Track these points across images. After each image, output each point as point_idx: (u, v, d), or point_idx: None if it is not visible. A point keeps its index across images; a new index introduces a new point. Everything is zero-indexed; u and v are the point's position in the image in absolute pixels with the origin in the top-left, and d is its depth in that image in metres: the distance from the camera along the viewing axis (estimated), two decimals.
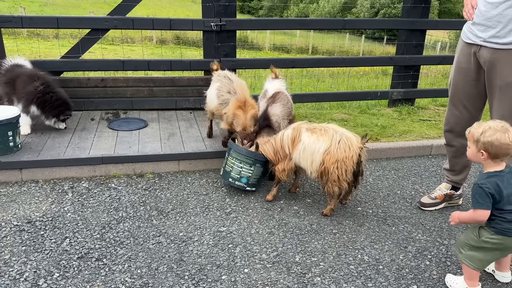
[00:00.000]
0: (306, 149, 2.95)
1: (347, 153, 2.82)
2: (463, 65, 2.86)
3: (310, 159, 2.93)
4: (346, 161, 2.82)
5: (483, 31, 2.64)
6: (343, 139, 2.86)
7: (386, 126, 4.62)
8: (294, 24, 4.72)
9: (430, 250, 2.75)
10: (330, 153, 2.84)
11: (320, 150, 2.88)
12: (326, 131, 2.92)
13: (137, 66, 4.62)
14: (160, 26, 4.40)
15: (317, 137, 2.92)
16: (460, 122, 3.00)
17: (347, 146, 2.83)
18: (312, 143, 2.92)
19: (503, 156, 2.15)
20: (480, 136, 2.14)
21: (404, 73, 5.23)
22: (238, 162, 3.19)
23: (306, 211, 3.16)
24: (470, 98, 2.91)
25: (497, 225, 2.16)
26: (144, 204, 3.16)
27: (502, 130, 2.09)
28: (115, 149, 3.68)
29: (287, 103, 3.63)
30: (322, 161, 2.88)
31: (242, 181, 3.24)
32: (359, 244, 2.79)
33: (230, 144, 3.30)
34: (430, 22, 5.09)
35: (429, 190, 3.53)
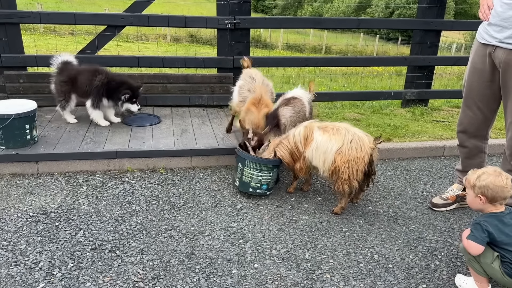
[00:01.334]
0: (318, 147, 2.97)
1: (359, 153, 2.84)
2: (478, 66, 2.85)
3: (323, 158, 2.95)
4: (357, 161, 2.85)
5: (499, 32, 2.63)
6: (355, 139, 2.87)
7: (399, 126, 4.60)
8: (308, 22, 4.73)
9: (441, 250, 2.75)
10: (342, 152, 2.86)
11: (333, 149, 2.89)
12: (338, 131, 2.94)
13: (151, 63, 4.67)
14: (175, 23, 4.45)
15: (329, 136, 2.94)
16: (473, 123, 2.99)
17: (359, 146, 2.85)
18: (324, 142, 2.94)
19: (501, 200, 2.22)
20: (476, 181, 2.23)
21: (418, 74, 5.20)
22: (258, 172, 3.16)
23: (317, 209, 3.17)
24: (484, 99, 2.89)
25: (507, 267, 2.18)
26: (156, 198, 3.20)
27: (496, 174, 2.20)
28: (129, 144, 3.73)
29: (299, 111, 3.59)
30: (333, 160, 2.90)
31: (263, 188, 3.23)
32: (369, 242, 2.80)
33: (243, 154, 3.23)
34: (445, 23, 5.05)
35: (441, 191, 3.52)
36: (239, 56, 4.68)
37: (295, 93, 3.68)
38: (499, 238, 2.18)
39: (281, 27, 4.66)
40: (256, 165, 3.15)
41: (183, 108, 4.82)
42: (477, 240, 2.18)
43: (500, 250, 2.19)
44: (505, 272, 2.19)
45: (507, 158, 2.91)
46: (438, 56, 5.17)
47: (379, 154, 3.04)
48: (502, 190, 2.18)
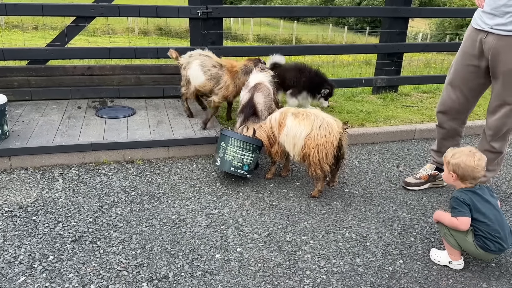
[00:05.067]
0: (289, 133, 3.06)
1: (327, 138, 2.92)
2: (468, 50, 2.93)
3: (293, 142, 3.05)
4: (326, 146, 2.93)
5: (491, 19, 2.74)
6: (323, 124, 2.95)
7: (371, 112, 4.72)
8: (281, 11, 4.77)
9: (415, 227, 2.86)
10: (311, 137, 2.95)
11: (302, 134, 2.99)
12: (308, 116, 3.02)
13: (123, 54, 4.60)
14: (146, 13, 4.39)
15: (299, 121, 3.03)
16: (454, 106, 3.09)
17: (328, 131, 2.93)
18: (294, 127, 3.03)
19: (471, 179, 2.35)
20: (450, 159, 2.37)
21: (387, 61, 5.33)
22: (241, 150, 3.20)
23: (295, 193, 3.23)
24: (467, 84, 2.98)
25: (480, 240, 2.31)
26: (135, 189, 3.19)
27: (469, 154, 2.33)
28: (104, 136, 3.69)
29: (268, 95, 3.66)
30: (303, 145, 2.99)
31: (244, 169, 3.26)
32: (347, 223, 2.88)
33: (228, 132, 3.27)
34: (413, 10, 5.19)
35: (413, 172, 3.65)
36: (212, 46, 4.67)
37: (257, 78, 3.71)
38: (473, 210, 2.29)
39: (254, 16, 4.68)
40: (240, 143, 3.21)
41: (157, 99, 4.78)
42: (466, 214, 2.28)
43: (473, 222, 2.31)
44: (478, 245, 2.31)
45: (486, 138, 3.03)
46: (407, 43, 5.31)
47: (348, 138, 3.14)
48: (472, 170, 2.30)
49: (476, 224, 2.31)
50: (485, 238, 2.29)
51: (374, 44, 5.40)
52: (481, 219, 2.29)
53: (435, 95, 5.65)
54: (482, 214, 2.30)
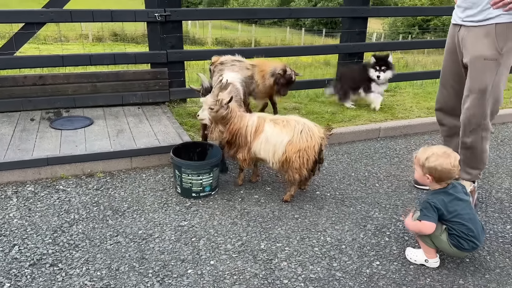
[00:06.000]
0: (268, 140, 2.94)
1: (309, 142, 2.86)
2: (449, 46, 2.99)
3: (272, 150, 2.93)
4: (308, 151, 2.86)
5: (462, 12, 2.79)
6: (305, 129, 2.87)
7: (336, 112, 4.72)
8: (242, 13, 4.68)
9: (388, 227, 2.85)
10: (293, 143, 2.86)
11: (283, 141, 2.88)
12: (288, 123, 2.92)
13: (78, 61, 4.37)
14: (100, 18, 4.19)
15: (280, 129, 2.92)
16: (447, 101, 3.12)
17: (309, 136, 2.86)
18: (275, 135, 2.92)
19: (447, 179, 2.34)
20: (425, 161, 2.33)
21: (349, 61, 5.36)
22: (197, 176, 3.04)
23: (267, 199, 3.15)
24: (456, 78, 3.01)
25: (454, 239, 2.31)
26: (97, 205, 3.00)
27: (445, 156, 2.30)
28: (61, 149, 3.46)
29: (236, 96, 3.58)
30: (284, 151, 2.89)
31: (207, 190, 3.13)
32: (321, 226, 2.83)
33: (178, 161, 3.06)
34: (372, 10, 5.25)
35: (381, 170, 3.66)
36: (172, 50, 4.53)
37: (228, 77, 3.61)
38: (446, 212, 2.29)
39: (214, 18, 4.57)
40: (194, 170, 3.03)
41: (116, 107, 4.57)
42: (430, 219, 2.28)
43: (447, 223, 2.31)
44: (452, 244, 2.31)
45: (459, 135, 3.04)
46: (366, 43, 5.37)
47: (327, 143, 3.08)
48: (449, 171, 2.29)
49: (450, 224, 2.31)
50: (459, 237, 2.29)
51: (335, 44, 5.42)
52: (455, 220, 2.29)
53: (396, 93, 5.75)
54: (455, 214, 2.29)
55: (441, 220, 2.34)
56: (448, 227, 2.33)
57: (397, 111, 4.86)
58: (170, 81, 4.66)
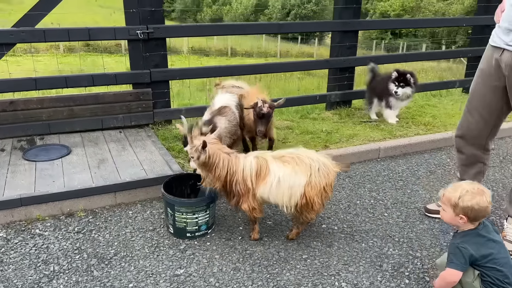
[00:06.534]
0: (281, 182, 2.53)
1: (327, 179, 2.58)
2: (484, 69, 2.70)
3: (288, 194, 2.54)
4: (327, 189, 2.60)
5: (507, 34, 2.51)
6: (321, 166, 2.57)
7: (331, 131, 4.48)
8: (230, 29, 4.41)
9: (406, 265, 2.60)
10: (312, 183, 2.53)
11: (301, 183, 2.52)
12: (301, 160, 2.56)
13: (52, 84, 3.99)
14: (77, 37, 3.84)
15: (293, 168, 2.54)
16: (472, 129, 2.83)
17: (326, 173, 2.57)
18: (288, 176, 2.53)
19: (482, 218, 2.12)
20: (458, 201, 2.09)
21: (340, 76, 5.15)
22: (191, 214, 2.73)
23: (270, 236, 2.86)
24: (486, 105, 2.72)
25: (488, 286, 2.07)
26: (79, 252, 2.65)
27: (480, 193, 2.08)
28: (36, 185, 3.09)
29: (233, 120, 3.31)
30: (303, 193, 2.54)
31: (203, 229, 2.82)
32: (333, 268, 2.56)
33: (170, 199, 2.74)
34: (363, 23, 5.07)
35: (387, 197, 3.43)
36: (156, 69, 4.21)
37: (223, 101, 3.35)
38: (479, 257, 2.05)
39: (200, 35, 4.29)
40: (188, 208, 2.72)
41: (95, 132, 4.21)
42: (457, 267, 2.04)
43: (481, 268, 2.07)
44: None
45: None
46: (358, 57, 5.17)
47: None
48: (485, 209, 2.07)
49: (484, 270, 2.07)
50: (494, 284, 2.05)
51: (326, 59, 5.20)
52: (489, 265, 2.06)
53: None
54: (490, 258, 2.06)
55: (474, 265, 2.11)
56: (482, 273, 2.09)
57: (394, 128, 4.66)
58: (154, 102, 4.33)
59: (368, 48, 31.75)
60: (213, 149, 2.54)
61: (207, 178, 2.62)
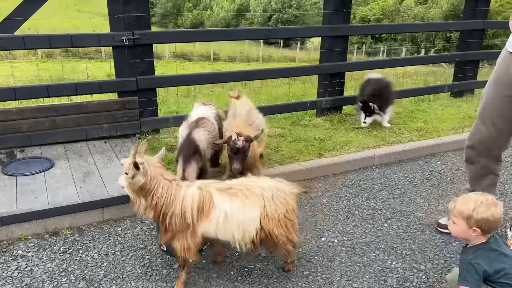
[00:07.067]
0: (229, 218, 2.20)
1: (286, 206, 2.26)
2: (501, 77, 2.55)
3: (240, 230, 2.21)
4: (288, 215, 2.28)
5: None
6: (275, 193, 2.25)
7: (324, 138, 4.39)
8: (217, 35, 4.28)
9: (411, 279, 2.50)
10: (268, 215, 2.22)
11: (255, 216, 2.21)
12: (251, 191, 2.24)
13: (33, 93, 3.79)
14: (59, 44, 3.66)
15: (242, 201, 2.21)
16: (484, 140, 2.70)
17: (283, 199, 2.26)
18: (237, 211, 2.20)
19: (494, 230, 2.04)
20: (472, 213, 1.99)
21: (330, 81, 5.07)
22: None
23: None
24: (502, 115, 2.59)
25: None
26: (66, 274, 2.47)
27: (494, 204, 1.99)
28: (17, 202, 2.89)
29: (213, 131, 3.17)
30: (259, 227, 2.23)
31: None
32: (337, 285, 2.44)
33: None
34: (352, 28, 5.00)
35: (385, 206, 3.34)
36: (142, 77, 4.05)
37: (201, 113, 3.21)
38: (492, 272, 1.96)
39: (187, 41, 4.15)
40: None
41: (79, 143, 4.02)
42: (472, 284, 1.94)
43: (494, 284, 1.98)
44: None
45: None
46: (348, 62, 5.11)
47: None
48: (499, 220, 1.98)
49: (497, 286, 1.99)
50: None
51: (316, 65, 5.11)
52: (503, 280, 1.97)
53: None
54: (503, 274, 1.97)
55: (487, 281, 2.02)
56: None
57: (387, 134, 4.60)
58: (141, 110, 4.16)
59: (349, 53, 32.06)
60: (155, 173, 2.21)
61: (139, 203, 2.26)
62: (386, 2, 42.14)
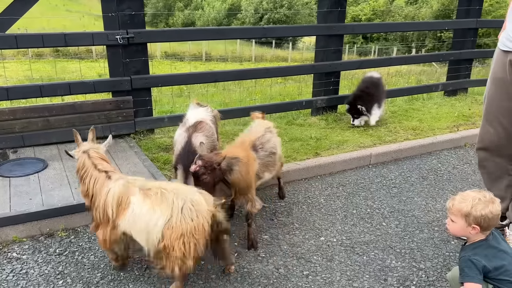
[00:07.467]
0: (137, 220, 2.13)
1: (195, 222, 2.06)
2: (498, 76, 2.57)
3: (144, 234, 2.13)
4: (195, 234, 2.07)
5: None
6: (187, 205, 2.08)
7: (320, 137, 4.38)
8: (212, 34, 4.24)
9: (411, 278, 2.50)
10: (172, 226, 2.05)
11: (158, 223, 2.08)
12: (163, 196, 2.11)
13: (26, 93, 3.73)
14: (52, 43, 3.60)
15: (152, 204, 2.11)
16: (494, 140, 2.68)
17: (194, 214, 2.07)
18: (145, 214, 2.11)
19: (493, 227, 2.05)
20: (471, 210, 2.00)
21: (325, 80, 5.06)
22: None
23: (267, 251, 2.71)
24: (506, 113, 2.59)
25: None
26: (62, 277, 2.42)
27: (492, 201, 2.01)
28: (11, 204, 2.84)
29: (211, 136, 3.05)
30: (161, 237, 2.08)
31: None
32: (337, 284, 2.43)
33: None
34: (347, 27, 5.00)
35: (383, 205, 3.33)
36: (137, 76, 4.01)
37: (198, 116, 3.09)
38: (492, 269, 1.96)
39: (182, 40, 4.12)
40: None
41: (73, 144, 3.87)
42: (475, 280, 1.94)
43: (493, 281, 1.98)
44: None
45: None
46: (343, 61, 5.11)
47: (224, 215, 2.25)
48: (498, 218, 1.99)
49: (497, 283, 1.99)
50: None
51: (311, 64, 5.11)
52: (502, 277, 1.97)
53: None
54: (502, 270, 1.98)
55: (486, 278, 2.02)
56: (495, 287, 2.00)
57: (382, 133, 4.60)
58: (135, 110, 4.12)
59: None
60: (85, 163, 2.28)
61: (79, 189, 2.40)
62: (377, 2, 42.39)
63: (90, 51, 22.52)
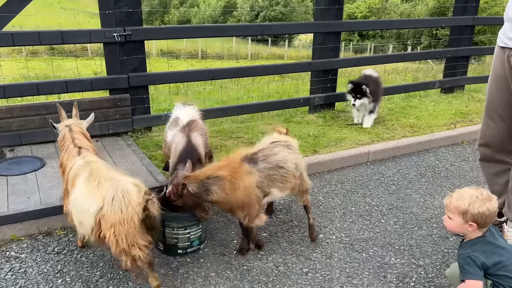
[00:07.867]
0: (75, 202, 2.15)
1: (124, 214, 2.02)
2: (497, 72, 2.59)
3: (79, 218, 2.14)
4: (124, 225, 2.03)
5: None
6: (118, 195, 2.04)
7: (318, 135, 4.38)
8: (210, 31, 4.23)
9: (410, 275, 2.51)
10: (105, 215, 2.03)
11: (90, 210, 2.05)
12: (100, 184, 2.09)
13: (22, 91, 3.71)
14: (49, 40, 3.59)
15: (90, 190, 2.10)
16: (496, 135, 2.69)
17: (124, 205, 2.03)
18: (81, 198, 2.11)
19: (490, 224, 2.06)
20: (468, 208, 2.00)
21: (323, 78, 5.07)
22: (183, 229, 2.54)
23: (266, 249, 2.71)
24: (506, 109, 2.60)
25: None
26: (61, 275, 2.42)
27: (489, 198, 2.02)
28: (9, 203, 2.82)
29: (205, 134, 3.03)
30: (94, 224, 2.06)
31: (195, 245, 2.63)
32: (336, 282, 2.43)
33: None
34: (345, 24, 5.00)
35: (381, 202, 3.34)
36: (134, 74, 3.99)
37: (190, 115, 3.04)
38: (490, 265, 1.97)
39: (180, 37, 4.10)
40: (180, 223, 2.53)
41: None
42: (475, 276, 1.95)
43: (492, 277, 1.99)
44: None
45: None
46: (341, 59, 5.11)
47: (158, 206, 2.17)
48: (495, 215, 2.00)
49: (496, 278, 2.00)
50: None
51: (308, 61, 5.11)
52: (501, 273, 1.98)
53: None
54: (500, 266, 1.99)
55: (485, 275, 2.03)
56: (494, 282, 2.01)
57: (380, 130, 4.61)
58: (133, 108, 4.11)
59: None
60: (65, 136, 2.47)
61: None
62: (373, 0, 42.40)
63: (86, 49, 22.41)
